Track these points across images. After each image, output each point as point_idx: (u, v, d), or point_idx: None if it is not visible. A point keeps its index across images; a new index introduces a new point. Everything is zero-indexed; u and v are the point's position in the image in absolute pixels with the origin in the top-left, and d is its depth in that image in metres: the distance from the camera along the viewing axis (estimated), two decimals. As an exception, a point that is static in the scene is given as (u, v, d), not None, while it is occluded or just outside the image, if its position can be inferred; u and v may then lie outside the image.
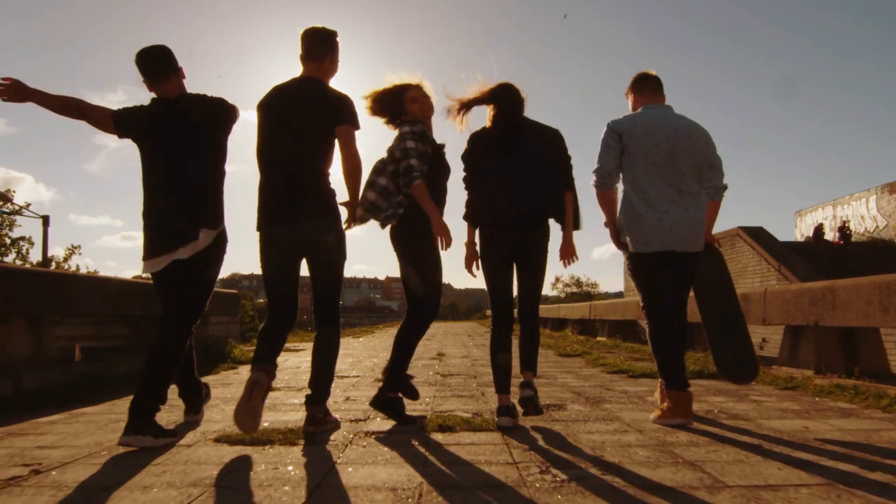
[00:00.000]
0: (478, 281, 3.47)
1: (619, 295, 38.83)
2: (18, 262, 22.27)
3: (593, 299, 36.62)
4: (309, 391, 3.07)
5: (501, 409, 3.16)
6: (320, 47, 3.07)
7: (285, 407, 3.83)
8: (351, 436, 2.94)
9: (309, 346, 5.83)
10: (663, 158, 3.22)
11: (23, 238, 23.45)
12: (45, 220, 24.14)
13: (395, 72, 3.41)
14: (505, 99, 3.29)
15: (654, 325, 3.33)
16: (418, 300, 3.27)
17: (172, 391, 3.42)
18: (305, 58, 3.07)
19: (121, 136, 3.00)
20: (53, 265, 22.06)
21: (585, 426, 3.17)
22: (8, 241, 23.28)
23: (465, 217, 3.42)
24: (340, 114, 2.98)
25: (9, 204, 22.98)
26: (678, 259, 3.28)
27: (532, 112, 3.37)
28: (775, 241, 19.90)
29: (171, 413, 3.54)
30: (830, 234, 25.59)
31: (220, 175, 3.08)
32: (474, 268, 3.37)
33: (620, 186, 3.41)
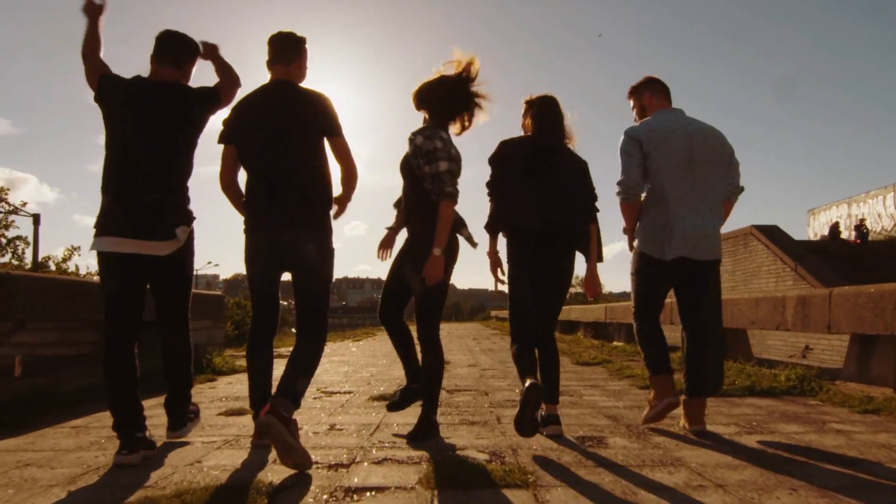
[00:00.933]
0: (480, 281, 3.42)
1: (625, 295, 38.03)
2: (15, 263, 21.58)
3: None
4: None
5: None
6: (288, 50, 2.90)
7: (246, 440, 3.01)
8: (325, 496, 2.13)
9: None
10: (683, 162, 3.15)
11: (19, 238, 22.80)
12: (36, 219, 23.46)
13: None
14: (550, 116, 3.24)
15: (643, 326, 3.28)
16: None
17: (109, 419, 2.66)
18: (273, 62, 2.89)
19: (97, 96, 2.82)
20: (53, 266, 21.35)
21: (642, 475, 2.37)
22: (4, 241, 22.55)
23: (487, 227, 3.29)
24: (328, 123, 2.80)
25: (3, 203, 22.30)
26: (692, 267, 3.15)
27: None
28: (790, 240, 19.11)
29: (100, 453, 2.75)
30: (846, 233, 24.76)
31: (191, 164, 2.91)
32: (500, 273, 3.28)
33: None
